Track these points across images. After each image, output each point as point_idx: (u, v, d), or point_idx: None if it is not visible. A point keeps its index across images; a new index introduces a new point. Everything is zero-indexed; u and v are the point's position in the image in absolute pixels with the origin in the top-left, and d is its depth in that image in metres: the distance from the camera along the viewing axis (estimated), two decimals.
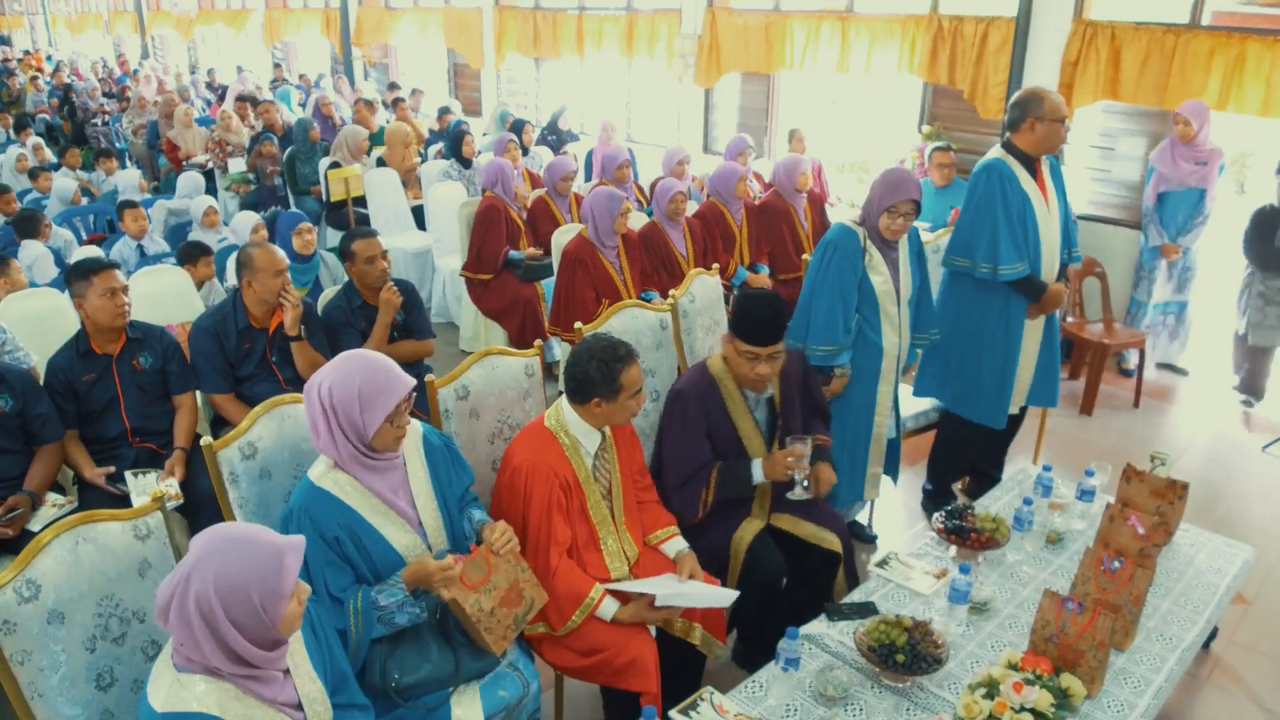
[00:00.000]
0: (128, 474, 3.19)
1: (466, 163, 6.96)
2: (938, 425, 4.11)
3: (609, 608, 2.50)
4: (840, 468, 3.32)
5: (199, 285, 4.55)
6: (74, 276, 3.23)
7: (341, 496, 2.23)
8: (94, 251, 5.28)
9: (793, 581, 3.16)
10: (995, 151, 3.66)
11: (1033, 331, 3.78)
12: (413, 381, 2.26)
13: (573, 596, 2.48)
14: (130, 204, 5.62)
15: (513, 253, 5.48)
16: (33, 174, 7.58)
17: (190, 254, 4.78)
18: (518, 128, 7.70)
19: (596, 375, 2.51)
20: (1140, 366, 5.33)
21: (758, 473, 2.89)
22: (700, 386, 2.91)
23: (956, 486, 4.22)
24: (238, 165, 8.41)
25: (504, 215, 5.47)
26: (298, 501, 2.23)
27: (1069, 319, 5.55)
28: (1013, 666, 2.24)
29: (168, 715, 1.65)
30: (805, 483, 2.86)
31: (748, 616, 2.98)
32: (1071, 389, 5.51)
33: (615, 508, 2.71)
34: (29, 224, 5.47)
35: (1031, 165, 3.61)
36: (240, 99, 10.67)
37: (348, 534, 2.22)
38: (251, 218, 5.42)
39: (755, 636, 3.01)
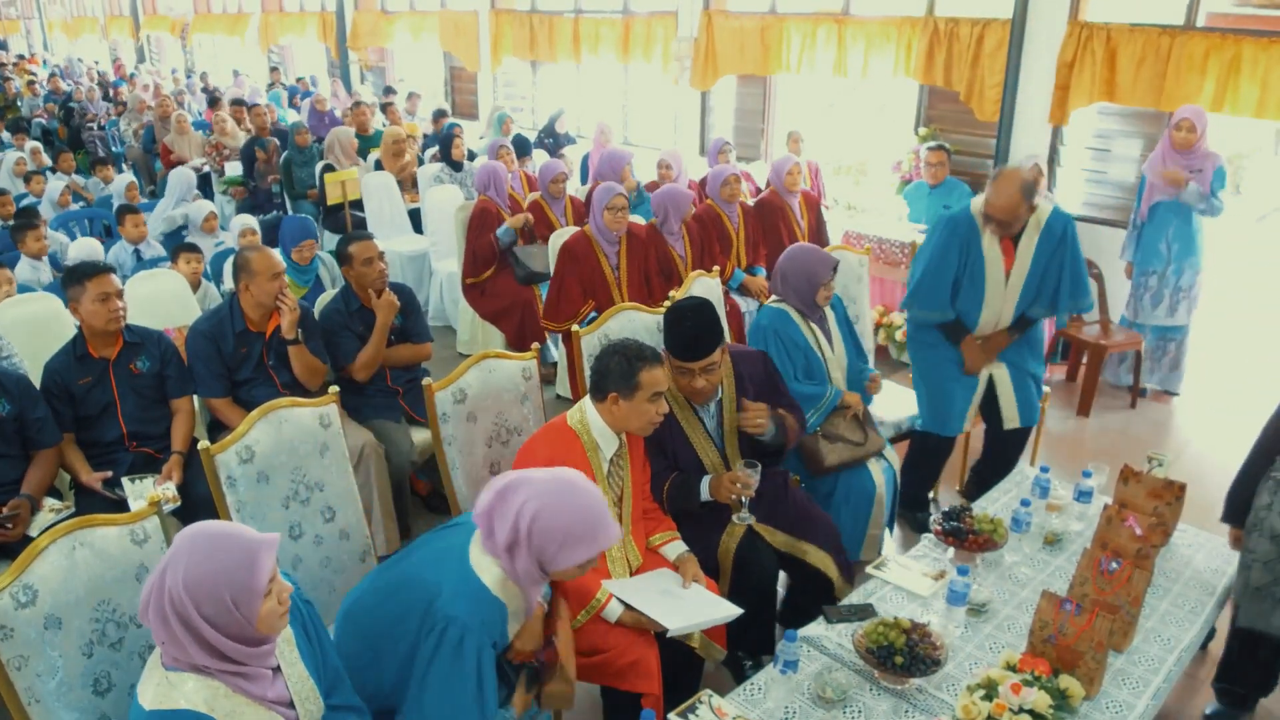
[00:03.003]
0: (124, 480, 3.18)
1: (456, 165, 6.97)
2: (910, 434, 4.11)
3: (615, 609, 2.49)
4: (843, 527, 3.33)
5: (193, 287, 4.55)
6: (69, 280, 3.24)
7: (509, 606, 2.02)
8: (94, 248, 5.21)
9: (795, 588, 3.16)
10: (975, 200, 3.66)
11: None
12: (618, 535, 2.04)
13: (580, 596, 2.48)
14: (130, 209, 5.59)
15: (500, 231, 5.41)
16: (28, 178, 7.59)
17: (174, 252, 4.78)
18: (522, 146, 7.72)
19: (616, 369, 2.51)
20: (1136, 369, 5.32)
21: (705, 492, 2.90)
22: None
23: (931, 495, 4.21)
24: (234, 169, 8.43)
25: (496, 218, 5.46)
26: (467, 613, 1.92)
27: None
28: (1011, 668, 2.24)
29: (156, 714, 1.65)
30: (750, 504, 2.88)
31: (739, 618, 2.98)
32: (1069, 390, 5.52)
33: (624, 515, 2.70)
34: (23, 232, 5.37)
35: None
36: (235, 103, 10.68)
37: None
38: (245, 221, 5.40)
39: (742, 637, 3.01)
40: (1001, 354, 3.75)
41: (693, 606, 2.55)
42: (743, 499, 2.84)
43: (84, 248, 5.12)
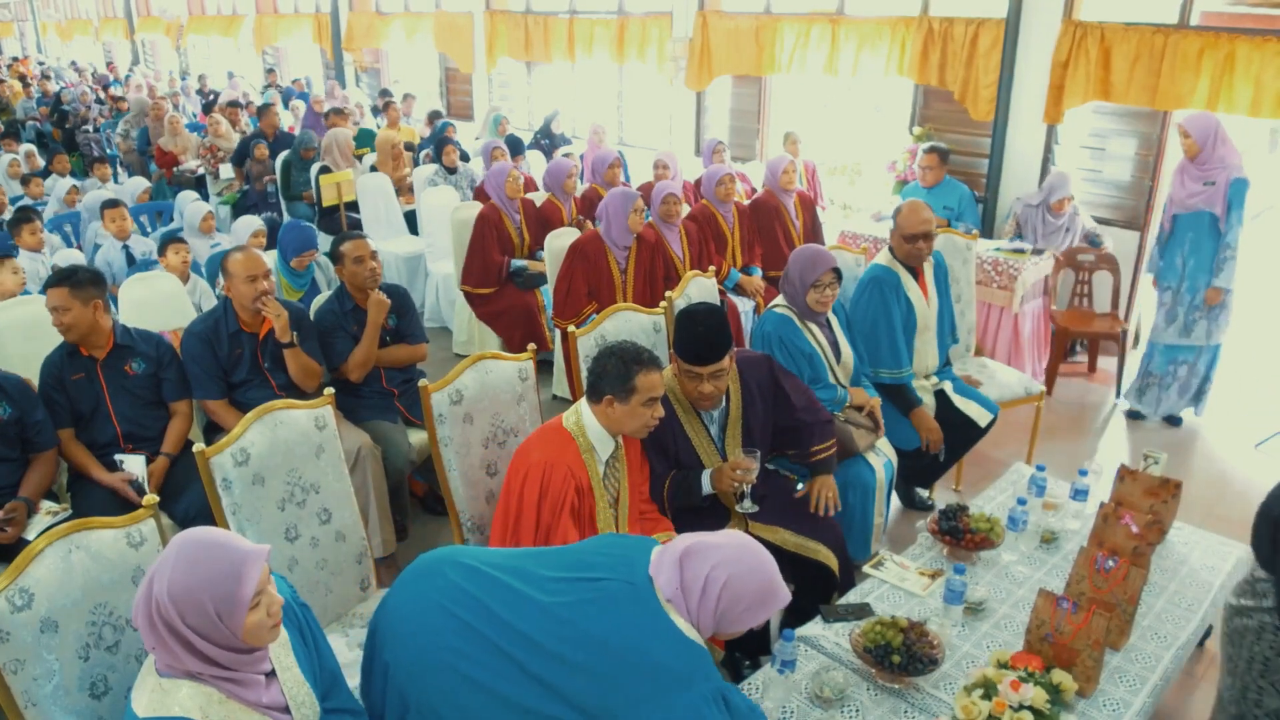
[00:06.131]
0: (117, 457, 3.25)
1: (451, 168, 6.97)
2: None
3: None
4: (853, 525, 3.36)
5: (182, 279, 4.57)
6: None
7: None
8: (75, 259, 5.21)
9: (800, 591, 3.15)
10: (882, 257, 3.84)
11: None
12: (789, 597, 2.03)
13: None
14: (112, 203, 5.50)
15: (514, 262, 5.47)
16: (24, 180, 7.57)
17: (161, 246, 4.78)
18: (516, 146, 7.71)
19: (612, 372, 2.50)
20: (1121, 359, 5.33)
21: (706, 484, 2.90)
22: None
23: (925, 493, 4.25)
24: (228, 171, 8.42)
25: (492, 225, 5.46)
26: (711, 676, 1.91)
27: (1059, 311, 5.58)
28: (1003, 665, 2.24)
29: None
30: (751, 496, 2.88)
31: None
32: (1065, 388, 5.53)
33: (620, 518, 2.70)
34: (19, 226, 5.38)
35: (913, 268, 3.81)
36: (230, 104, 10.67)
37: None
38: (253, 222, 5.38)
39: (739, 639, 3.01)
40: (939, 374, 4.00)
41: None
42: (744, 488, 2.83)
43: (67, 259, 5.17)
